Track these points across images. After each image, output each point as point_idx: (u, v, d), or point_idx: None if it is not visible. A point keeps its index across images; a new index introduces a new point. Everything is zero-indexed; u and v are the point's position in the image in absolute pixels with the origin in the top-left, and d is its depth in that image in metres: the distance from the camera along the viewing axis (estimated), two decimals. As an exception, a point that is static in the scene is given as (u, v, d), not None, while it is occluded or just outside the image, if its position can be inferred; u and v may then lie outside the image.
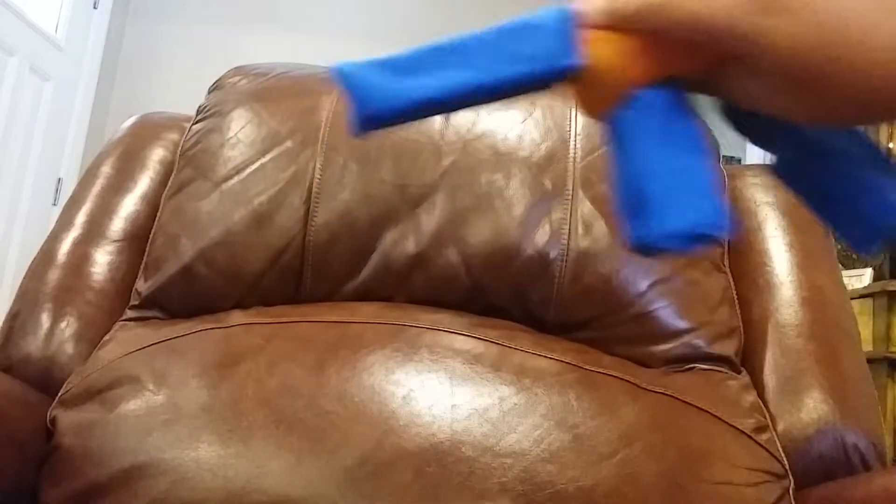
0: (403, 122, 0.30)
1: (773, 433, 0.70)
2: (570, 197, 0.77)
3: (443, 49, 0.30)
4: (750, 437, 0.68)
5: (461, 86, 0.29)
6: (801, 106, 0.25)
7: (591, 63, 0.29)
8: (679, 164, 0.28)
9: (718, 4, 0.25)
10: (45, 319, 0.77)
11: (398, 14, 3.29)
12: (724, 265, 0.81)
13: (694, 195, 0.28)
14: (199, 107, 0.89)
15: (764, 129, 0.32)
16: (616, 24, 0.28)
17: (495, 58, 0.29)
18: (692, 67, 0.29)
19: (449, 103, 0.30)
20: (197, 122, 0.87)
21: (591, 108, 0.31)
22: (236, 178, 0.80)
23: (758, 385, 0.74)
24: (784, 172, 0.33)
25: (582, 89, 0.30)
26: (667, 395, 0.69)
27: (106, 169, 0.88)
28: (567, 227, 0.76)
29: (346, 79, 0.29)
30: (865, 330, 2.09)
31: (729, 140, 0.55)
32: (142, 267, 0.81)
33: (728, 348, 0.75)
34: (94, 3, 2.99)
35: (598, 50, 0.29)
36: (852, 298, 2.07)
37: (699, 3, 0.25)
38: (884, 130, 2.49)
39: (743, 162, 3.16)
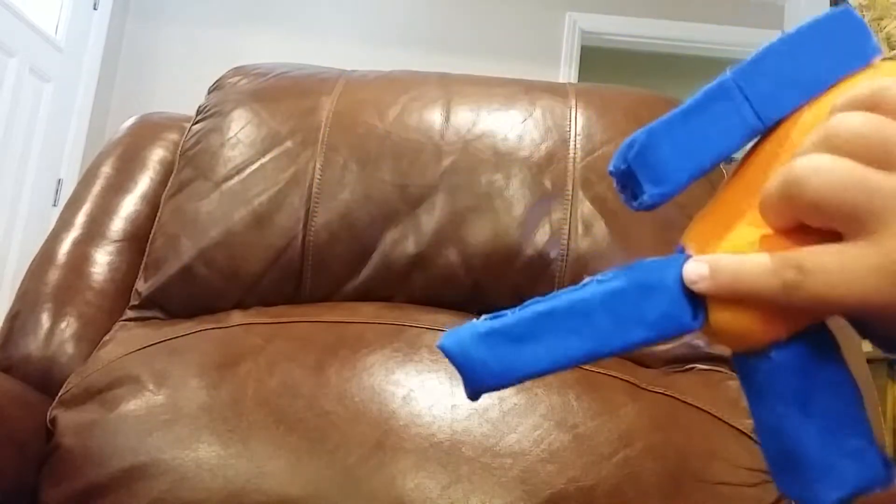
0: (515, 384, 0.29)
1: (773, 433, 0.69)
2: (570, 197, 0.77)
3: (552, 313, 0.28)
4: (750, 437, 0.68)
5: (577, 355, 0.28)
6: None
7: (717, 327, 0.28)
8: (832, 422, 0.27)
9: (863, 283, 0.23)
10: (45, 319, 0.77)
11: (398, 15, 3.30)
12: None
13: (852, 455, 0.26)
14: (199, 107, 0.89)
15: None
16: (744, 300, 0.26)
17: (613, 323, 0.28)
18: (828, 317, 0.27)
19: (560, 370, 0.29)
20: (197, 122, 0.87)
21: (725, 345, 0.29)
22: (236, 178, 0.80)
23: (758, 385, 0.74)
24: None
25: (710, 339, 0.29)
26: (667, 395, 0.69)
27: (106, 169, 0.88)
28: (567, 227, 0.76)
29: (451, 355, 0.28)
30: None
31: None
32: (142, 267, 0.81)
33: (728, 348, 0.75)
34: (94, 4, 3.00)
35: (726, 314, 0.27)
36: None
37: (844, 285, 0.23)
38: None
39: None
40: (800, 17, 2.81)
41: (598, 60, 3.64)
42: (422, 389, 0.66)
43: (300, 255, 0.77)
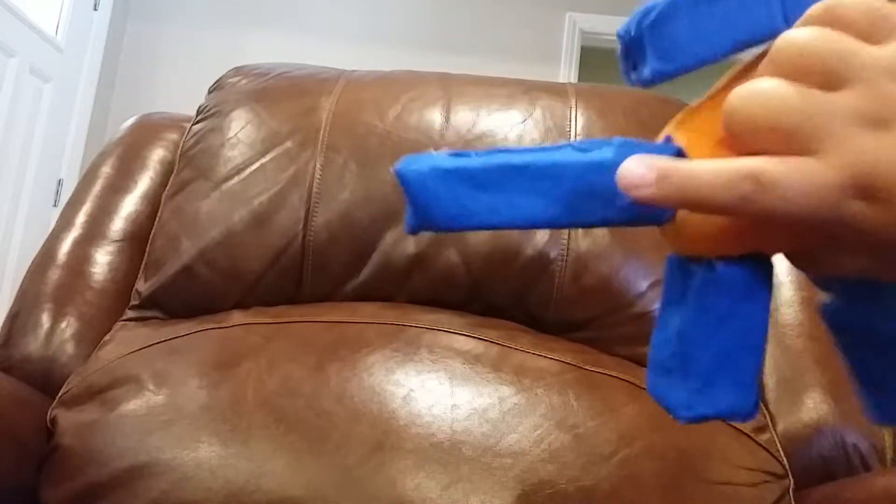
0: (461, 231, 0.27)
1: (773, 433, 0.70)
2: (570, 197, 0.77)
3: (526, 170, 0.26)
4: (750, 437, 0.68)
5: (540, 218, 0.27)
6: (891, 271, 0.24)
7: (680, 225, 0.27)
8: (734, 348, 0.27)
9: (817, 192, 0.23)
10: (46, 319, 0.77)
11: (398, 15, 3.30)
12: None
13: (736, 384, 0.27)
14: (199, 107, 0.89)
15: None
16: (707, 210, 0.26)
17: (586, 198, 0.26)
18: (784, 248, 0.27)
19: (514, 228, 0.27)
20: (197, 123, 0.87)
21: (675, 246, 0.29)
22: (236, 179, 0.80)
23: (758, 385, 0.74)
24: (832, 320, 0.30)
25: (666, 235, 0.28)
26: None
27: (106, 169, 0.88)
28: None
29: (408, 182, 0.27)
30: None
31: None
32: (142, 267, 0.81)
33: (728, 348, 0.75)
34: (95, 5, 3.00)
35: (695, 219, 0.27)
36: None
37: (801, 199, 0.23)
38: None
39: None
40: (800, 18, 2.79)
41: (598, 60, 3.64)
42: (422, 389, 0.66)
43: (300, 255, 0.77)
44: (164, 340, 0.72)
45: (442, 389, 0.66)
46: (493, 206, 0.26)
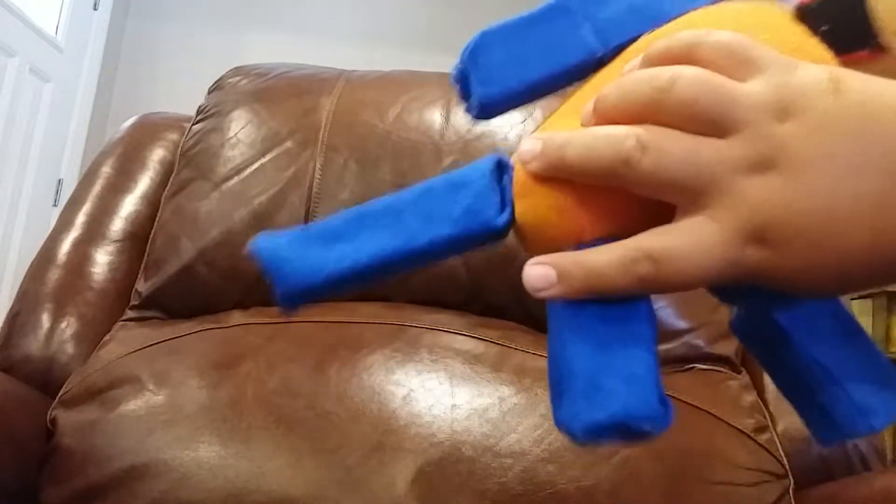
0: (331, 294, 0.27)
1: (773, 433, 0.70)
2: (570, 197, 0.77)
3: (367, 213, 0.27)
4: (750, 437, 0.68)
5: (383, 252, 0.27)
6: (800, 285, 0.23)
7: (521, 220, 0.26)
8: (611, 344, 0.25)
9: (711, 257, 0.22)
10: (46, 319, 0.77)
11: (398, 15, 3.30)
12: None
13: (625, 379, 0.24)
14: (199, 107, 0.89)
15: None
16: (554, 175, 0.25)
17: (420, 220, 0.27)
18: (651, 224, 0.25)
19: (372, 273, 0.27)
20: (197, 123, 0.87)
21: (527, 249, 0.28)
22: (236, 179, 0.80)
23: (758, 385, 0.74)
24: (741, 330, 0.30)
25: (526, 244, 0.28)
26: (667, 395, 0.68)
27: (106, 169, 0.88)
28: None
29: (261, 255, 0.27)
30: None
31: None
32: (142, 267, 0.81)
33: (728, 348, 0.75)
34: (95, 4, 3.00)
35: (528, 205, 0.26)
36: (852, 299, 2.07)
37: (695, 268, 0.23)
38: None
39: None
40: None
41: (598, 60, 3.64)
42: (422, 389, 0.66)
43: (300, 255, 0.77)
44: (164, 340, 0.72)
45: (442, 389, 0.66)
46: (342, 253, 0.26)
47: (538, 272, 0.25)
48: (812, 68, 0.23)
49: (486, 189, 0.27)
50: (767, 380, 0.74)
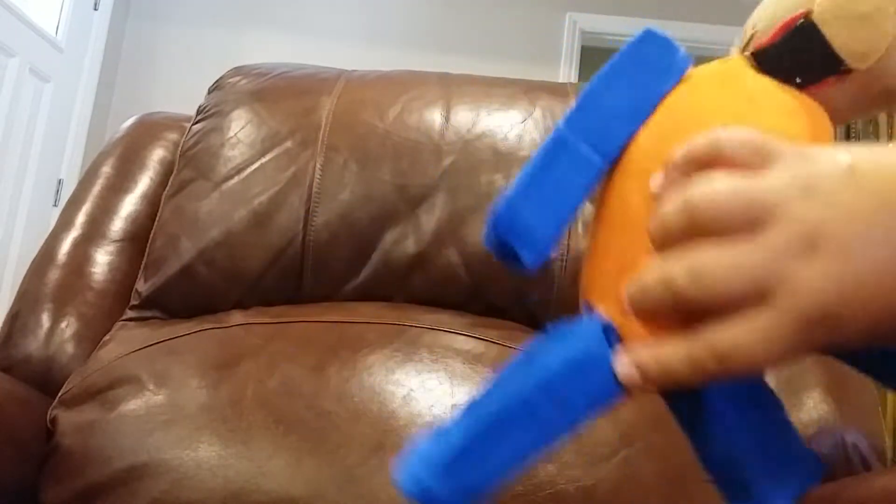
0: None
1: (774, 433, 0.69)
2: (570, 197, 0.77)
3: (503, 417, 0.28)
4: (750, 437, 0.67)
5: (536, 451, 0.29)
6: None
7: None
8: (770, 433, 0.29)
9: (779, 346, 0.24)
10: (46, 319, 0.77)
11: (398, 15, 3.30)
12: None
13: (796, 457, 0.29)
14: (199, 107, 0.89)
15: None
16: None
17: (556, 410, 0.28)
18: None
19: (524, 467, 0.30)
20: (197, 122, 0.87)
21: None
22: (236, 178, 0.80)
23: (758, 385, 0.74)
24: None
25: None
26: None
27: (106, 169, 0.88)
28: (567, 227, 0.76)
29: (417, 498, 0.28)
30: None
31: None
32: (142, 267, 0.81)
33: (728, 348, 0.75)
34: (95, 5, 3.00)
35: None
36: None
37: (763, 355, 0.24)
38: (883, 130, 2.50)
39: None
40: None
41: (598, 60, 3.63)
42: (422, 389, 0.66)
43: (300, 255, 0.77)
44: (164, 340, 0.72)
45: (442, 389, 0.66)
46: (496, 466, 0.28)
47: (625, 372, 0.28)
48: (825, 151, 0.24)
49: (607, 365, 0.29)
50: (767, 380, 0.74)
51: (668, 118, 0.32)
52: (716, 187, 0.25)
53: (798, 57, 0.31)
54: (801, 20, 0.30)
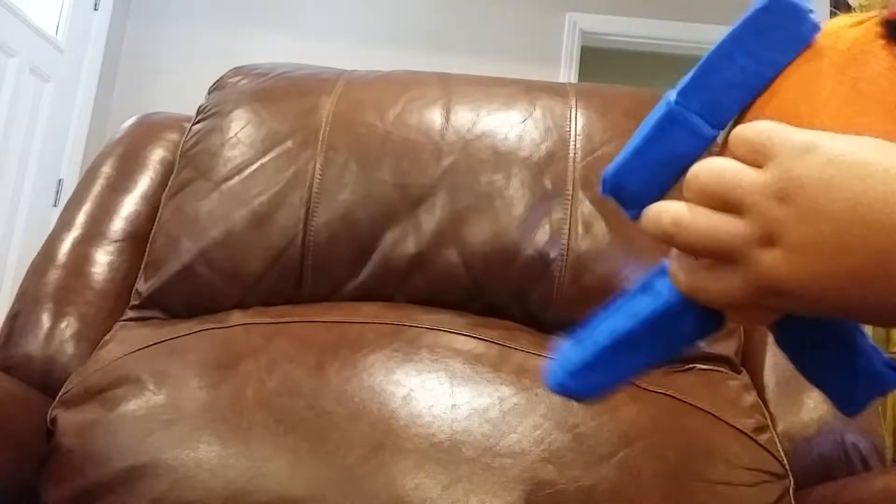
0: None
1: (773, 433, 0.70)
2: (570, 197, 0.77)
3: (618, 341, 0.35)
4: (750, 437, 0.68)
5: (647, 367, 0.36)
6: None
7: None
8: (859, 345, 0.34)
9: (739, 295, 0.30)
10: (46, 319, 0.77)
11: (398, 15, 3.30)
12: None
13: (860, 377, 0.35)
14: (200, 107, 0.89)
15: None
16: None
17: (663, 344, 0.35)
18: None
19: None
20: (197, 122, 0.87)
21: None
22: (236, 179, 0.80)
23: (758, 385, 0.74)
24: (786, 340, 0.37)
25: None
26: (667, 395, 0.69)
27: (106, 169, 0.88)
28: (567, 227, 0.76)
29: (557, 391, 0.36)
30: (866, 330, 2.09)
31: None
32: (142, 267, 0.81)
33: (728, 348, 0.75)
34: (95, 5, 3.00)
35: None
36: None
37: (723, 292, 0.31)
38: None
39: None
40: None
41: (598, 60, 3.64)
42: (422, 389, 0.66)
43: (300, 255, 0.77)
44: (164, 340, 0.72)
45: (442, 389, 0.66)
46: (614, 374, 0.36)
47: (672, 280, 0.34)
48: (815, 159, 0.27)
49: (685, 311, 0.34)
50: (767, 380, 0.74)
51: (780, 98, 0.32)
52: (708, 168, 0.30)
53: None
54: None
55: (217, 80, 0.92)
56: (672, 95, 0.33)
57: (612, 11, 3.33)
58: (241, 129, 0.83)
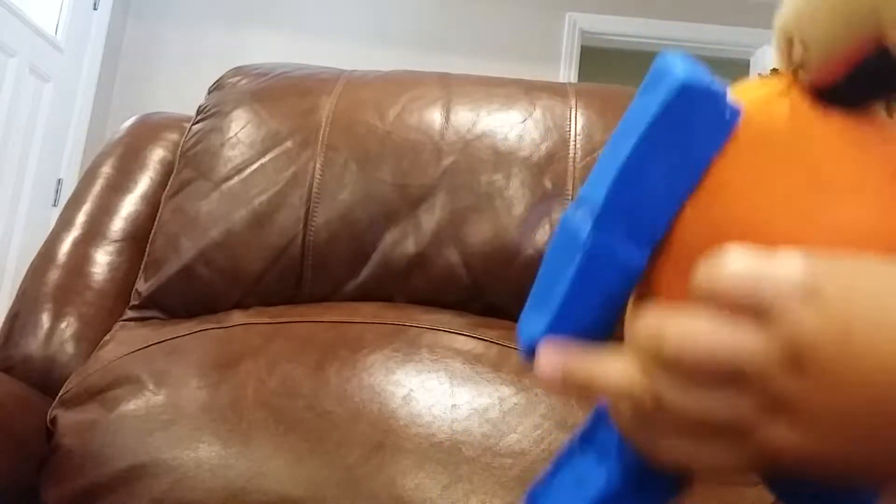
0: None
1: (773, 433, 0.69)
2: (570, 197, 0.77)
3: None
4: (750, 437, 0.67)
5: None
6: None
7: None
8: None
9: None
10: (46, 319, 0.77)
11: (398, 15, 3.30)
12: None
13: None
14: (199, 107, 0.89)
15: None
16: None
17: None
18: None
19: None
20: (197, 122, 0.87)
21: None
22: (236, 178, 0.80)
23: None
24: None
25: None
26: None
27: (106, 169, 0.88)
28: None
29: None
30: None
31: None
32: (142, 267, 0.81)
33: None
34: (94, 4, 3.00)
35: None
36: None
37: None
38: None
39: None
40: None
41: (598, 60, 3.64)
42: (422, 389, 0.66)
43: (300, 255, 0.77)
44: (164, 340, 0.72)
45: (442, 389, 0.66)
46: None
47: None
48: (826, 317, 0.22)
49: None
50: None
51: (727, 198, 0.27)
52: (692, 342, 0.24)
53: (876, 86, 0.27)
54: (875, 49, 0.25)
55: (217, 80, 0.92)
56: (583, 225, 0.28)
57: (612, 11, 3.33)
58: (241, 129, 0.83)
